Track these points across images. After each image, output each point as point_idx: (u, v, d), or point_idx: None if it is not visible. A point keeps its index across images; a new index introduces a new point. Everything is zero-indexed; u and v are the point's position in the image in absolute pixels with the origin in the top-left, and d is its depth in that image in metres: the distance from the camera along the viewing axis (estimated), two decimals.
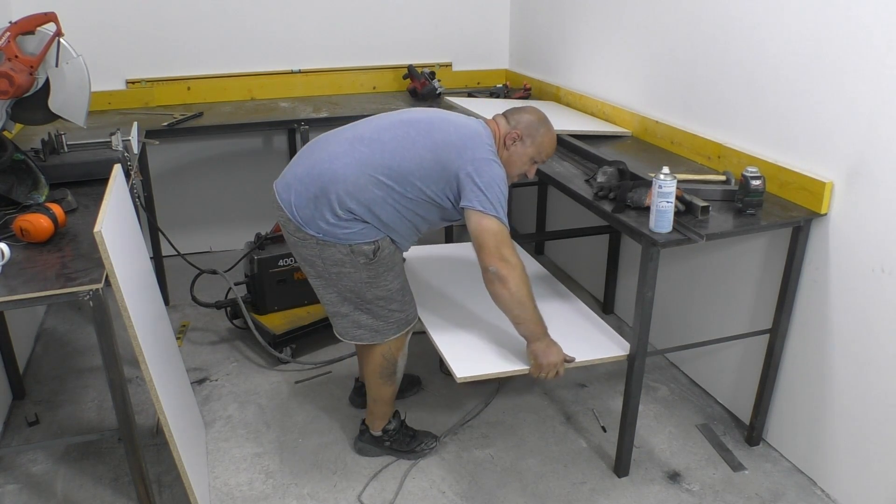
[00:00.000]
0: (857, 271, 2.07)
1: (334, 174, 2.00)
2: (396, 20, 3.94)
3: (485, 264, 2.00)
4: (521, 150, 2.15)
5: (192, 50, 3.68)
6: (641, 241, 2.03)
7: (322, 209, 2.01)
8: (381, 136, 2.05)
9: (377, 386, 2.30)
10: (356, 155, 2.02)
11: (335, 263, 2.07)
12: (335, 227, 2.01)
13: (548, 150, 2.20)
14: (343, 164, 2.01)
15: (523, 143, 2.15)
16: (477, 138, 2.07)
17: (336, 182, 1.99)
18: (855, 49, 1.98)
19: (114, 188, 1.95)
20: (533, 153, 2.17)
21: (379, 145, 2.03)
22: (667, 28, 2.75)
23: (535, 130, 2.15)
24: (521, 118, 2.18)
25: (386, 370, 2.27)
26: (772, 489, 2.29)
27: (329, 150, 2.07)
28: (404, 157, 2.01)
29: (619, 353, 2.21)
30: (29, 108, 2.27)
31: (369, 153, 2.02)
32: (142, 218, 2.63)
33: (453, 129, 2.08)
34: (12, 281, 1.73)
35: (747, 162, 2.30)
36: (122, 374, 1.85)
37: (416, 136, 2.05)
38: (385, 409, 2.37)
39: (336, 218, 2.00)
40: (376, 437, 2.40)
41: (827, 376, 2.22)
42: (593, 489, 2.30)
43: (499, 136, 2.15)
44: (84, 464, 2.39)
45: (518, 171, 2.19)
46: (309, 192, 2.02)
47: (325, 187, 2.00)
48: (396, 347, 2.25)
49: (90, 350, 3.05)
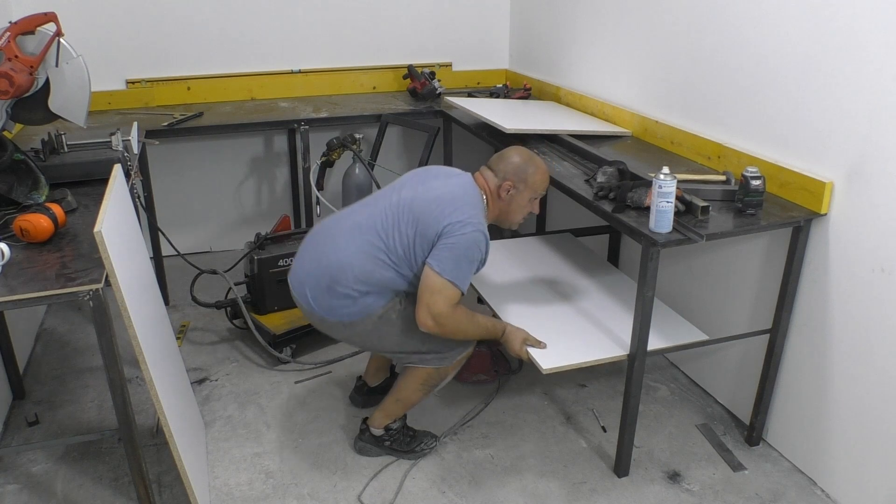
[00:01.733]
0: (856, 271, 2.07)
1: (341, 264, 2.13)
2: (396, 20, 3.94)
3: (417, 318, 2.09)
4: (517, 197, 2.21)
5: (192, 50, 3.68)
6: (641, 241, 2.03)
7: (338, 297, 2.14)
8: (375, 224, 2.15)
9: (413, 391, 2.31)
10: (357, 243, 2.14)
11: (371, 332, 2.19)
12: (354, 306, 2.14)
13: (542, 185, 2.25)
14: (348, 255, 2.13)
15: (517, 189, 2.20)
16: (457, 201, 2.12)
17: (344, 271, 2.12)
18: (855, 49, 1.98)
19: (114, 188, 1.95)
20: (530, 195, 2.23)
21: (374, 233, 2.14)
22: (667, 28, 2.75)
23: (524, 173, 2.19)
24: (507, 166, 2.20)
25: (432, 381, 2.30)
26: (772, 489, 2.29)
27: (332, 242, 2.19)
28: (398, 240, 2.11)
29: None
30: (29, 108, 2.27)
31: (369, 240, 2.13)
32: (142, 218, 2.63)
33: (434, 198, 2.14)
34: (12, 281, 1.73)
35: (747, 162, 2.30)
36: (122, 374, 1.85)
37: (404, 216, 2.13)
38: (400, 411, 2.38)
39: (352, 300, 2.13)
40: (377, 437, 2.40)
41: (827, 376, 2.22)
42: (593, 489, 2.30)
43: (489, 191, 2.21)
44: (84, 464, 2.39)
45: (521, 216, 2.27)
46: (321, 284, 2.15)
47: (335, 277, 2.13)
48: (452, 368, 2.29)
49: (90, 350, 3.05)
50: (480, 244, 2.09)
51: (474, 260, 2.09)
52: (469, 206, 2.12)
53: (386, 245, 2.12)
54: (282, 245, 3.08)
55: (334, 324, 2.19)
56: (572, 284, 2.66)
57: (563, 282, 2.68)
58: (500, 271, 2.73)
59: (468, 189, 2.17)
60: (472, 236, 2.07)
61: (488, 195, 2.21)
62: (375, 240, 2.13)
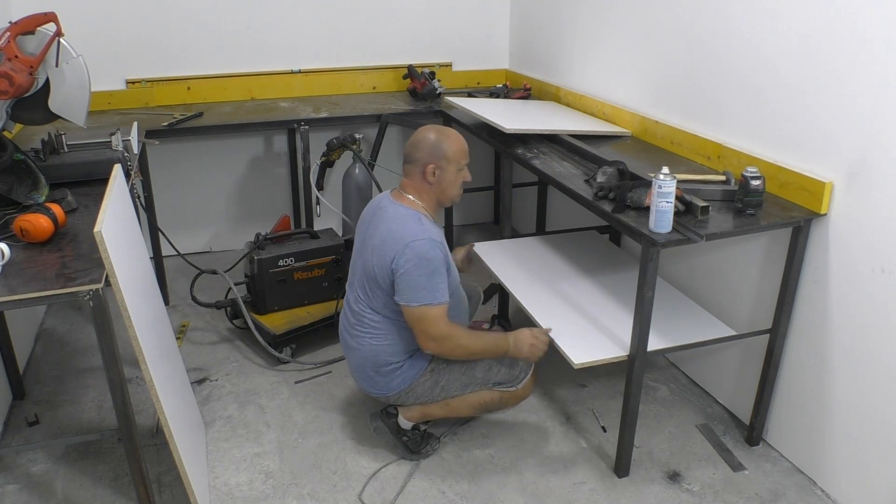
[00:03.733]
0: (856, 271, 2.07)
1: (369, 353, 2.28)
2: (396, 20, 3.94)
3: (420, 346, 2.20)
4: (444, 175, 2.22)
5: (192, 50, 3.68)
6: (641, 241, 2.03)
7: (385, 375, 2.29)
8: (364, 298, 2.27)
9: (468, 407, 2.34)
10: (366, 329, 2.28)
11: (433, 386, 2.29)
12: (406, 372, 2.28)
13: (460, 153, 2.24)
14: (369, 341, 2.28)
15: (441, 168, 2.21)
16: (387, 232, 2.17)
17: (376, 356, 2.27)
18: (855, 49, 1.97)
19: (114, 188, 1.95)
20: (454, 167, 2.23)
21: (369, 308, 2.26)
22: (667, 28, 2.75)
23: (440, 150, 2.20)
24: (421, 151, 2.22)
25: (492, 407, 2.36)
26: (772, 489, 2.29)
27: (352, 336, 2.32)
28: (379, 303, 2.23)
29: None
30: (29, 108, 2.28)
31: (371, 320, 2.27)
32: (142, 218, 2.63)
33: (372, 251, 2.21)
34: (12, 281, 1.73)
35: (747, 162, 2.30)
36: (122, 374, 1.85)
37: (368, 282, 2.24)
38: (440, 417, 2.40)
39: (399, 369, 2.27)
40: (402, 428, 2.40)
41: (827, 376, 2.22)
42: (593, 489, 2.30)
43: (414, 188, 2.24)
44: (84, 464, 2.39)
45: (455, 190, 2.27)
46: (368, 374, 2.32)
47: (375, 364, 2.28)
48: (515, 399, 2.35)
49: (90, 350, 3.05)
50: (427, 252, 2.12)
51: (433, 271, 2.13)
52: (399, 228, 2.16)
53: (381, 313, 2.23)
54: (282, 245, 3.08)
55: (398, 396, 2.32)
56: (601, 281, 2.68)
57: (592, 278, 2.70)
58: (527, 269, 2.76)
59: (393, 214, 2.21)
60: (414, 253, 2.11)
61: (415, 193, 2.23)
62: (373, 316, 2.25)
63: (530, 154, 2.76)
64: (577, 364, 2.16)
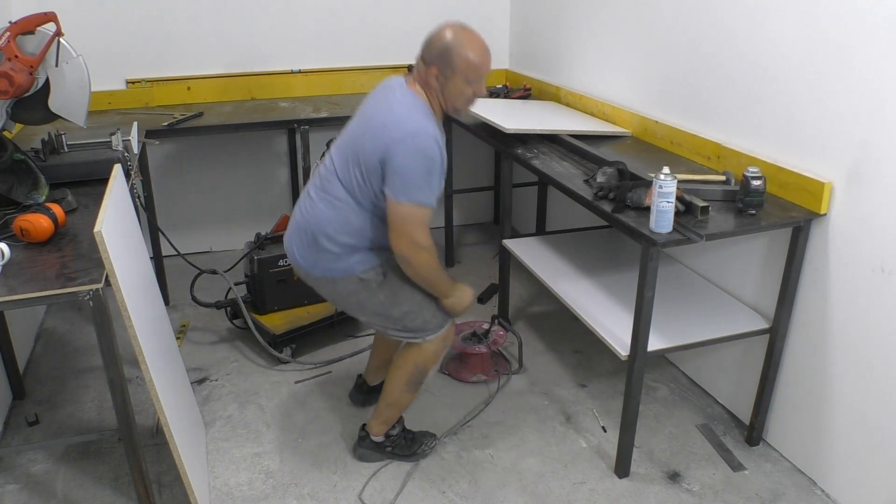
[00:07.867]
0: (857, 271, 2.07)
1: (318, 218, 2.13)
2: (396, 20, 3.94)
3: (391, 245, 2.05)
4: (448, 84, 2.02)
5: (192, 50, 3.68)
6: (641, 241, 2.03)
7: (321, 251, 2.13)
8: (337, 171, 2.11)
9: (400, 392, 2.30)
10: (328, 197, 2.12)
11: (351, 294, 2.18)
12: (337, 262, 2.13)
13: (471, 67, 2.00)
14: (323, 207, 2.12)
15: (445, 76, 2.01)
16: (391, 114, 2.00)
17: (322, 224, 2.12)
18: (854, 49, 1.97)
19: (114, 188, 1.95)
20: (460, 80, 2.01)
21: (336, 181, 2.10)
22: (667, 28, 2.75)
23: (448, 57, 1.99)
24: (432, 52, 2.01)
25: (415, 379, 2.28)
26: (772, 489, 2.29)
27: (310, 197, 2.18)
28: (356, 180, 2.06)
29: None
30: (29, 108, 2.27)
31: (336, 191, 2.10)
32: (142, 218, 2.63)
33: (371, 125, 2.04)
34: (12, 281, 1.73)
35: (747, 162, 2.30)
36: (122, 374, 1.85)
37: (352, 154, 2.06)
38: (396, 415, 2.37)
39: (336, 256, 2.12)
40: (378, 444, 2.40)
41: (827, 376, 2.22)
42: (593, 489, 2.30)
43: (421, 83, 2.06)
44: (84, 464, 2.39)
45: (461, 102, 2.07)
46: (305, 239, 2.16)
47: (315, 231, 2.13)
48: (431, 358, 2.27)
49: (90, 350, 3.05)
50: (431, 150, 1.95)
51: (431, 170, 1.96)
52: (405, 114, 1.98)
53: (349, 190, 2.06)
54: (282, 245, 3.07)
55: (318, 279, 2.19)
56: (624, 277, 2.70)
57: (615, 273, 2.74)
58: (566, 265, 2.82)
59: (402, 98, 2.03)
60: (417, 146, 1.93)
61: (423, 89, 2.06)
62: (339, 188, 2.08)
63: (530, 154, 2.76)
64: (626, 356, 2.18)
